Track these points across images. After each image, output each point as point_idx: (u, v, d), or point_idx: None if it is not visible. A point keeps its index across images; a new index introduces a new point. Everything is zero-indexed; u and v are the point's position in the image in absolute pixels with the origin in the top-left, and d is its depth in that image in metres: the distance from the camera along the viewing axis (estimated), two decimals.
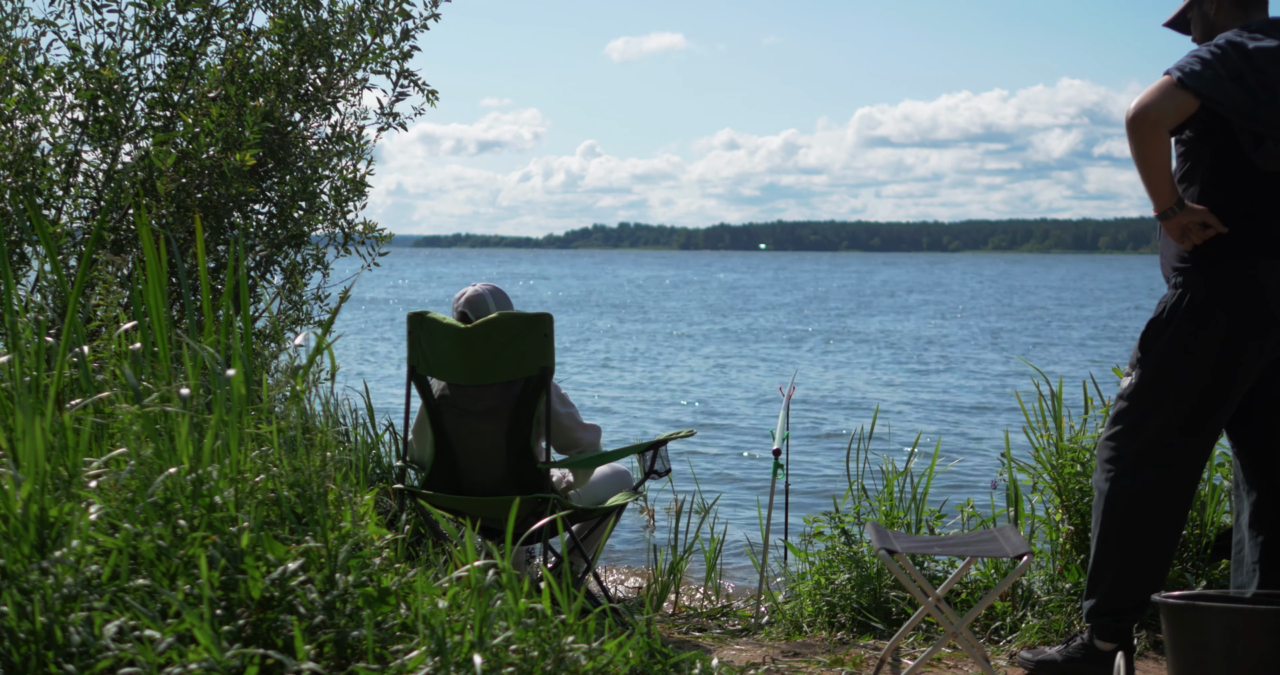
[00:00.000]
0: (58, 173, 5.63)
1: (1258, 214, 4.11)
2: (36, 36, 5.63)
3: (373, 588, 2.58)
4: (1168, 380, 4.16)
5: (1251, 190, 4.11)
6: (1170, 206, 4.08)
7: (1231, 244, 4.10)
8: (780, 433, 5.50)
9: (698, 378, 21.22)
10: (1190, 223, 4.08)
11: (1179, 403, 4.15)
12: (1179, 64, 4.04)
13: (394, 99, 5.84)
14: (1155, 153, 4.02)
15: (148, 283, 3.16)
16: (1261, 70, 4.03)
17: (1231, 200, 4.11)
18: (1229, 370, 4.12)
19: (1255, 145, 4.09)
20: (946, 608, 4.51)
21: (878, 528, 4.53)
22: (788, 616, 5.13)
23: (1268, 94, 4.03)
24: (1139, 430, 4.20)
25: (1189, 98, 3.99)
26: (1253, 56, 4.04)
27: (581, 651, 2.56)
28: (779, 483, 5.50)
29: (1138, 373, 4.22)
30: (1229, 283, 4.10)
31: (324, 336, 3.37)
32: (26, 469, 2.57)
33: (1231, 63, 4.02)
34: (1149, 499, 4.17)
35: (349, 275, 5.38)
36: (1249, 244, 4.10)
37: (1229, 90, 4.00)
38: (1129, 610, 4.21)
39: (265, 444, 2.87)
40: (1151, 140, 4.00)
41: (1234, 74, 4.01)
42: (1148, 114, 3.98)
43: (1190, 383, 4.13)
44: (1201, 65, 4.01)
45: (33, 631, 2.33)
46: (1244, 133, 4.08)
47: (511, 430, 4.95)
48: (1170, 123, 4.02)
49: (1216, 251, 4.11)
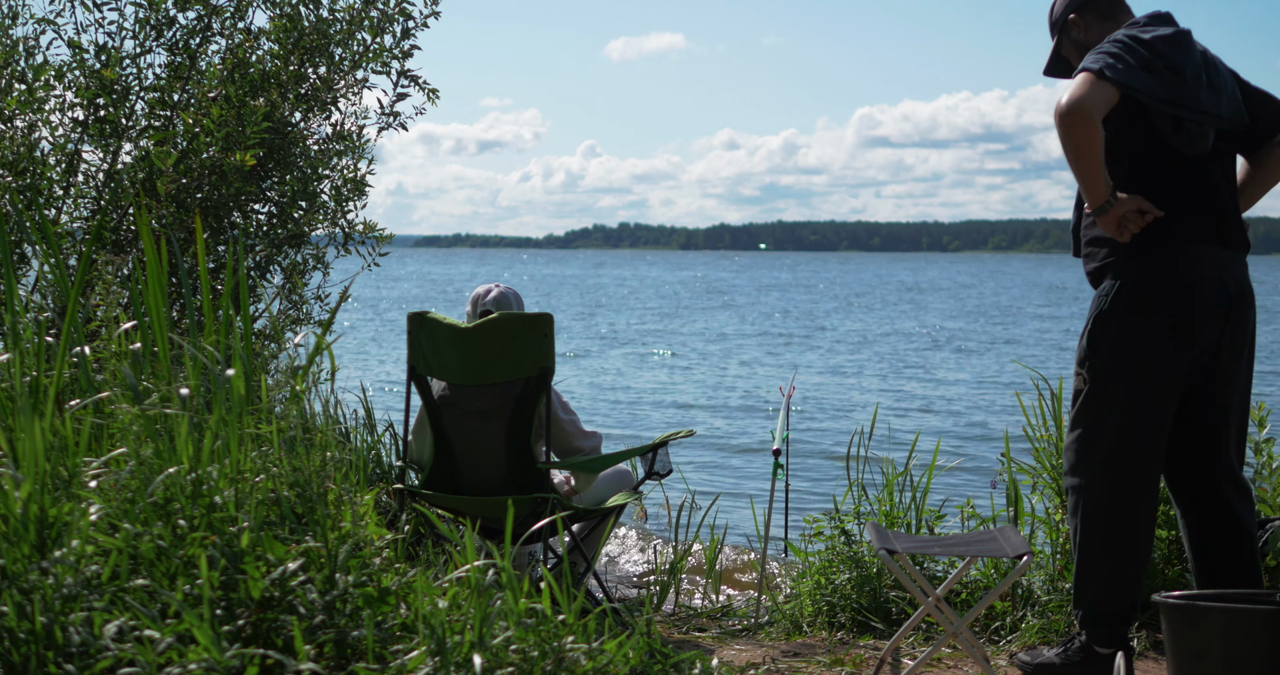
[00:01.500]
0: (58, 173, 5.62)
1: (1183, 199, 4.16)
2: (36, 34, 5.64)
3: (373, 588, 2.58)
4: (1121, 373, 4.17)
5: (1176, 176, 4.17)
6: (1107, 199, 4.11)
7: (1162, 230, 4.14)
8: (780, 433, 5.51)
9: (699, 378, 21.23)
10: (1127, 212, 4.11)
11: (1134, 393, 4.16)
12: (1090, 60, 4.07)
13: (394, 99, 5.84)
14: (1091, 146, 4.03)
15: (148, 283, 3.16)
16: (1164, 55, 4.09)
17: (1158, 188, 4.15)
18: (1178, 354, 4.14)
19: (1175, 130, 4.14)
20: (946, 608, 4.51)
21: (878, 528, 4.53)
22: (788, 616, 5.13)
23: (1176, 77, 4.09)
24: (1100, 428, 4.20)
25: (1112, 90, 4.02)
26: (1152, 44, 4.10)
27: (581, 651, 2.56)
28: (779, 483, 5.50)
29: (1089, 370, 4.23)
30: (1164, 270, 4.14)
31: (324, 336, 3.37)
32: (26, 469, 2.57)
33: (1137, 52, 4.08)
34: (1123, 499, 4.17)
35: (351, 275, 5.38)
36: (1178, 229, 4.14)
37: (1144, 78, 4.05)
38: (1123, 613, 4.21)
39: (265, 444, 2.87)
40: (1085, 133, 4.01)
41: (1143, 63, 4.06)
42: (1081, 107, 3.99)
43: (1143, 372, 4.15)
44: (1113, 58, 4.05)
45: (33, 631, 2.33)
46: (1163, 119, 4.13)
47: (511, 430, 4.95)
48: (1102, 113, 4.03)
49: (1148, 239, 4.15)
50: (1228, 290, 4.18)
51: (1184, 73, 4.10)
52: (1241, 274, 4.26)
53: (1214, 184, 4.21)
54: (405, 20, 5.75)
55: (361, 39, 5.76)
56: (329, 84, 5.73)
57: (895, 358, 25.64)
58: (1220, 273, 4.16)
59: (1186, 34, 4.19)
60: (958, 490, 7.98)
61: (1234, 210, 4.25)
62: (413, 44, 5.79)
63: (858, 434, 6.05)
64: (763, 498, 6.10)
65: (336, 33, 5.70)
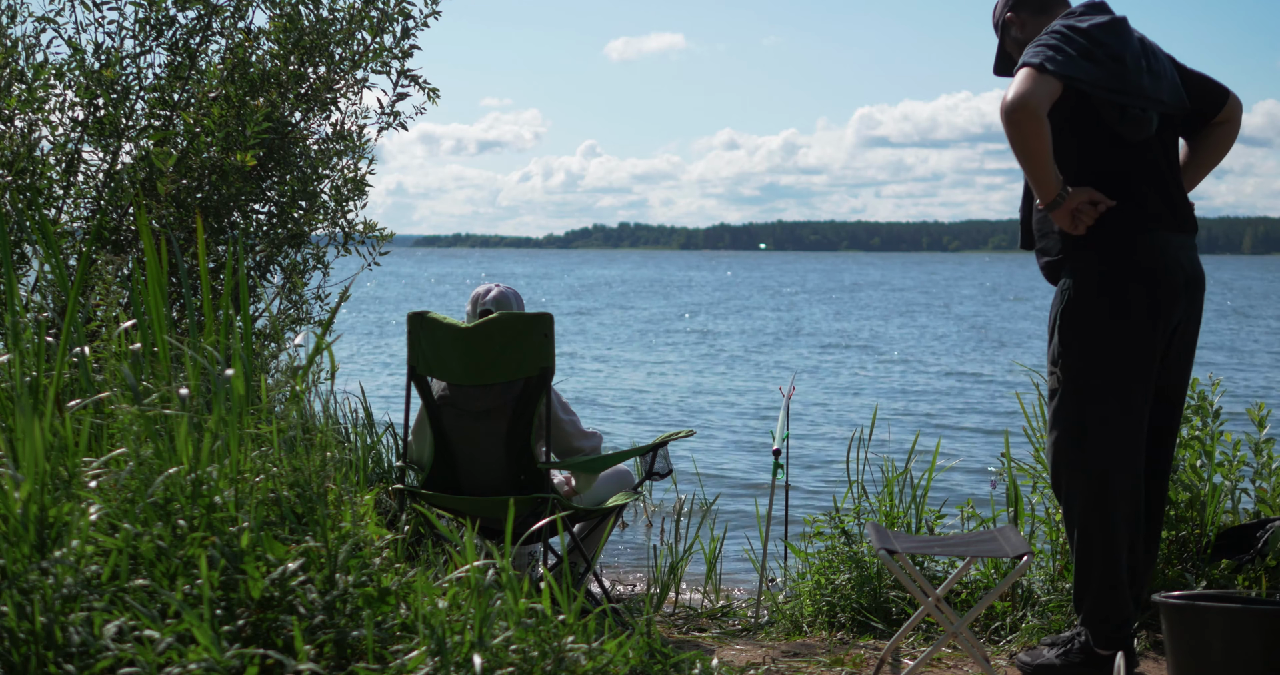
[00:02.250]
0: (58, 172, 5.62)
1: (1133, 185, 4.18)
2: (37, 33, 5.63)
3: (373, 588, 2.58)
4: (1096, 366, 4.17)
5: (1124, 164, 4.19)
6: (1058, 194, 4.12)
7: (1114, 219, 4.15)
8: (780, 433, 5.51)
9: (698, 377, 21.24)
10: (1079, 204, 4.12)
11: (1112, 385, 4.16)
12: (1031, 54, 4.09)
13: (394, 98, 5.84)
14: (1039, 142, 4.05)
15: (148, 283, 3.16)
16: (1103, 43, 4.11)
17: (1108, 176, 4.17)
18: (1150, 338, 4.15)
19: (1120, 118, 4.16)
20: (946, 608, 4.51)
21: (878, 528, 4.52)
22: (788, 616, 5.13)
23: (1117, 64, 4.11)
24: (1081, 425, 4.19)
25: (1056, 83, 4.04)
26: (1090, 33, 4.13)
27: (581, 651, 2.56)
28: (779, 483, 5.50)
29: (1062, 368, 4.23)
30: (1120, 258, 4.15)
31: (324, 336, 3.37)
32: (26, 469, 2.57)
33: (1075, 42, 4.10)
34: (1114, 494, 4.17)
35: (350, 274, 5.38)
36: (1129, 217, 4.16)
37: (1086, 67, 4.07)
38: (1123, 613, 4.20)
39: (265, 444, 2.87)
40: (1032, 129, 4.02)
41: (1083, 52, 4.09)
42: (1027, 103, 4.00)
43: (1118, 362, 4.15)
44: (1053, 50, 4.07)
45: (33, 631, 2.33)
46: (1107, 107, 4.15)
47: (511, 430, 4.96)
48: (1046, 109, 4.05)
49: (1102, 229, 4.16)
50: (1185, 273, 4.21)
51: (1124, 60, 4.12)
52: (1194, 258, 4.30)
53: (1159, 169, 4.24)
54: (405, 20, 5.75)
55: (361, 38, 5.76)
56: (329, 84, 5.73)
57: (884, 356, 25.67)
58: (1177, 256, 4.19)
59: (1122, 21, 4.21)
60: (958, 491, 7.98)
61: (1180, 193, 4.29)
62: (413, 44, 5.79)
63: (857, 434, 6.05)
64: (763, 497, 6.11)
65: (336, 32, 5.69)
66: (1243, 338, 31.72)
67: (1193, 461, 5.04)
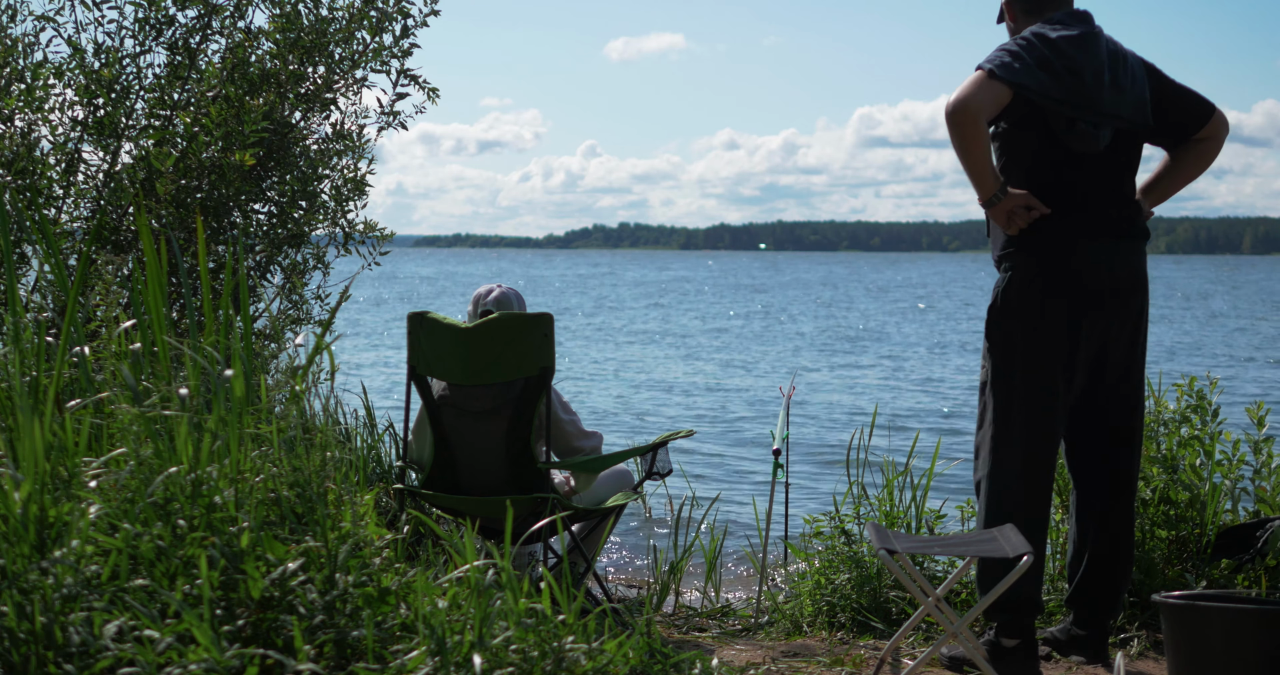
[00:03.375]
0: (57, 172, 5.62)
1: (1075, 195, 4.31)
2: (36, 32, 5.63)
3: (373, 588, 2.58)
4: (1014, 363, 4.34)
5: (1068, 173, 4.31)
6: (994, 194, 4.28)
7: (1053, 225, 4.29)
8: (780, 433, 5.51)
9: (698, 377, 21.24)
10: (1015, 206, 4.28)
11: (1028, 384, 4.31)
12: (989, 58, 4.25)
13: (394, 98, 5.84)
14: (976, 143, 4.21)
15: (148, 283, 3.16)
16: (1065, 55, 4.24)
17: (1051, 184, 4.31)
18: (1063, 346, 4.30)
19: (1068, 129, 4.28)
20: (946, 608, 4.51)
21: (878, 528, 4.52)
22: (788, 616, 5.13)
23: (1074, 78, 4.24)
24: (1003, 418, 4.36)
25: (1003, 88, 4.19)
26: (1056, 43, 4.26)
27: (581, 651, 2.56)
28: (779, 482, 5.50)
29: (989, 361, 4.40)
30: (1053, 262, 4.29)
31: (324, 336, 3.37)
32: (26, 469, 2.57)
33: (1037, 51, 4.24)
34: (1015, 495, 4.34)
35: (351, 274, 5.38)
36: (1070, 225, 4.30)
37: (1039, 77, 4.21)
38: (1028, 602, 4.34)
39: (265, 444, 2.87)
40: (972, 131, 4.19)
41: (1041, 61, 4.22)
42: (968, 106, 4.17)
43: (1033, 363, 4.31)
44: (1010, 57, 4.22)
45: (33, 631, 2.33)
46: (1056, 118, 4.27)
47: (511, 430, 4.95)
48: (988, 113, 4.20)
49: (1040, 233, 4.30)
50: (1116, 282, 4.33)
51: (1082, 74, 4.24)
52: (1134, 264, 4.39)
53: (1107, 180, 4.35)
54: (404, 19, 5.75)
55: (361, 38, 5.75)
56: (328, 83, 5.73)
57: (896, 356, 25.67)
58: (1110, 264, 4.31)
59: (1093, 36, 4.33)
60: (958, 491, 7.97)
61: (1127, 206, 4.39)
62: (412, 42, 5.79)
63: (857, 434, 6.05)
64: (763, 497, 6.11)
65: (336, 31, 5.69)
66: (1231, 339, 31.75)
67: (1192, 461, 5.04)
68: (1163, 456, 5.05)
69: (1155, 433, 5.09)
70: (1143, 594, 4.83)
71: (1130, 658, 4.58)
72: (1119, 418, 4.44)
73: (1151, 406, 5.13)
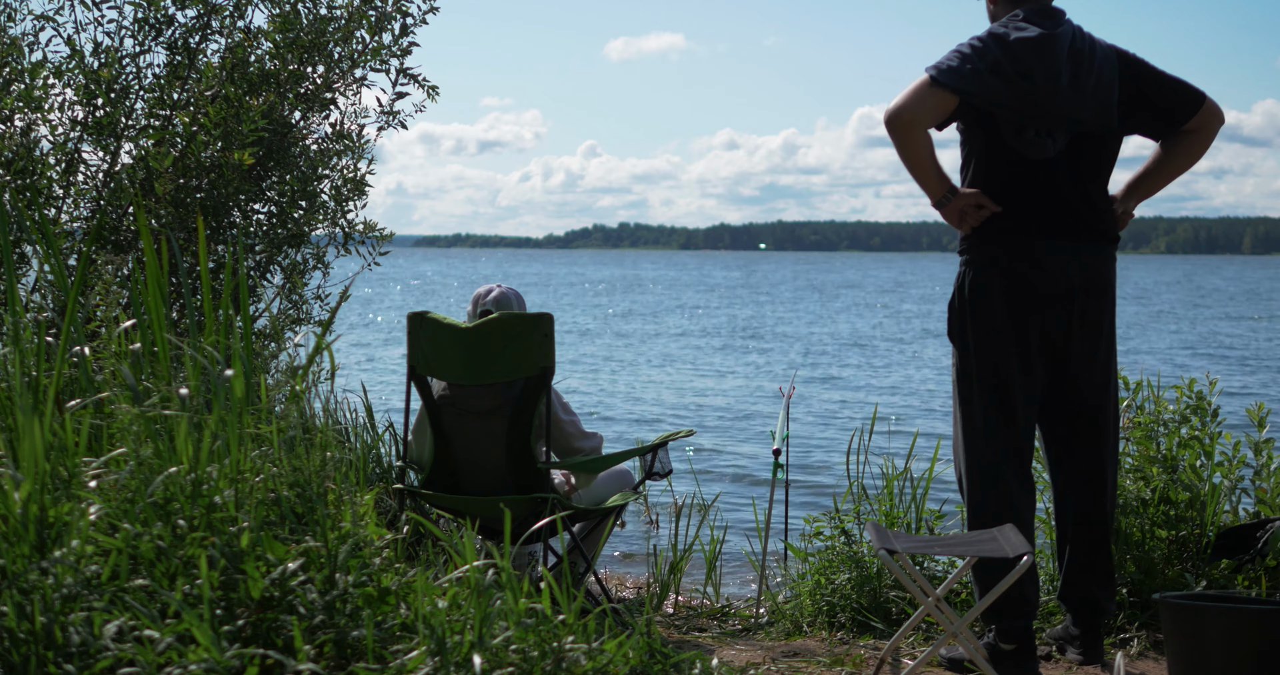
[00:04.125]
0: (57, 172, 5.62)
1: (1026, 198, 4.28)
2: (36, 31, 5.63)
3: (373, 588, 2.58)
4: (972, 357, 4.36)
5: (1019, 176, 4.28)
6: (943, 195, 4.30)
7: (1004, 225, 4.28)
8: (780, 433, 5.51)
9: (698, 377, 21.25)
10: (965, 206, 4.28)
11: (986, 378, 4.33)
12: (938, 61, 4.21)
13: (393, 97, 5.83)
14: (915, 150, 4.21)
15: (147, 283, 3.16)
16: (1019, 59, 4.18)
17: (1003, 185, 4.29)
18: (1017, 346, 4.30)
19: (1017, 134, 4.25)
20: (946, 608, 4.51)
21: (878, 528, 4.52)
22: (788, 616, 5.13)
23: (1025, 82, 4.18)
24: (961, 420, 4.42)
25: (945, 94, 4.15)
26: (1012, 47, 4.20)
27: (581, 651, 2.56)
28: (779, 482, 5.50)
29: (955, 354, 4.44)
30: (1007, 261, 4.29)
31: (324, 336, 3.37)
32: (26, 469, 2.57)
33: (990, 55, 4.18)
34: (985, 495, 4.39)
35: (352, 274, 5.38)
36: (1019, 225, 4.28)
37: (987, 82, 4.16)
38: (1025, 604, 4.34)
39: (265, 444, 2.87)
40: (909, 138, 4.19)
41: (992, 66, 4.17)
42: (901, 115, 4.17)
43: (988, 361, 4.33)
44: (960, 60, 4.18)
45: (32, 631, 2.33)
46: (1006, 123, 4.24)
47: (511, 430, 4.95)
48: (927, 120, 4.18)
49: (991, 232, 4.30)
50: (1071, 282, 4.30)
51: (1034, 77, 4.17)
52: (1095, 265, 4.35)
53: (1062, 181, 4.30)
54: (403, 18, 5.74)
55: (360, 37, 5.75)
56: (328, 83, 5.73)
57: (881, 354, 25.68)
58: (1067, 267, 4.28)
59: (1051, 38, 4.22)
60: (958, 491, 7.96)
61: (1085, 204, 4.33)
62: (411, 41, 5.78)
63: (857, 434, 6.05)
64: (763, 497, 6.11)
65: (335, 31, 5.69)
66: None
67: (1192, 461, 5.04)
68: (1163, 456, 5.04)
69: (1155, 433, 5.09)
70: (1143, 594, 4.83)
71: (1130, 658, 4.57)
72: (1083, 419, 4.43)
73: (1151, 407, 5.13)
